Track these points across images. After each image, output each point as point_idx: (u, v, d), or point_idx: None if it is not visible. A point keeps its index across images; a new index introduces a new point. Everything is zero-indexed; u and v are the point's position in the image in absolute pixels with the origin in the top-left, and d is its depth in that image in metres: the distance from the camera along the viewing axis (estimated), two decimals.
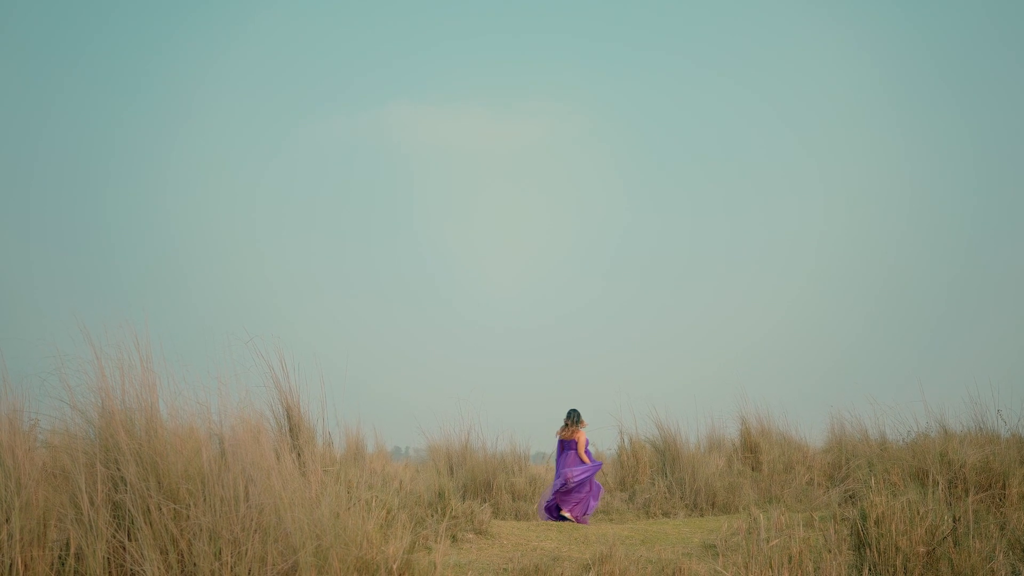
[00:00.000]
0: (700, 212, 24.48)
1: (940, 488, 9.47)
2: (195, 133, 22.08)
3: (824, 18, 23.59)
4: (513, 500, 13.02)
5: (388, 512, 7.91)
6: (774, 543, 6.96)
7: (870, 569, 7.62)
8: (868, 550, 7.88)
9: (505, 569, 6.75)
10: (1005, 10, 23.48)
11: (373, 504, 7.83)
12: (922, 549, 7.85)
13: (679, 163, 24.67)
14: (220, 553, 5.04)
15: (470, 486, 12.49)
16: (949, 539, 7.99)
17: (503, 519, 12.26)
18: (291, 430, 8.72)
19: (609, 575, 6.49)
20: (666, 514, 13.21)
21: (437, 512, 8.75)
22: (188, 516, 5.09)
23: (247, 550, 5.02)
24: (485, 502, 12.91)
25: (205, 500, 5.12)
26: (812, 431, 16.50)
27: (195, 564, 4.97)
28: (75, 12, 21.52)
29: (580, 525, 11.00)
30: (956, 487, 9.89)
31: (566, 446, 11.66)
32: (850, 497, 11.36)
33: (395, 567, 5.18)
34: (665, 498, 13.60)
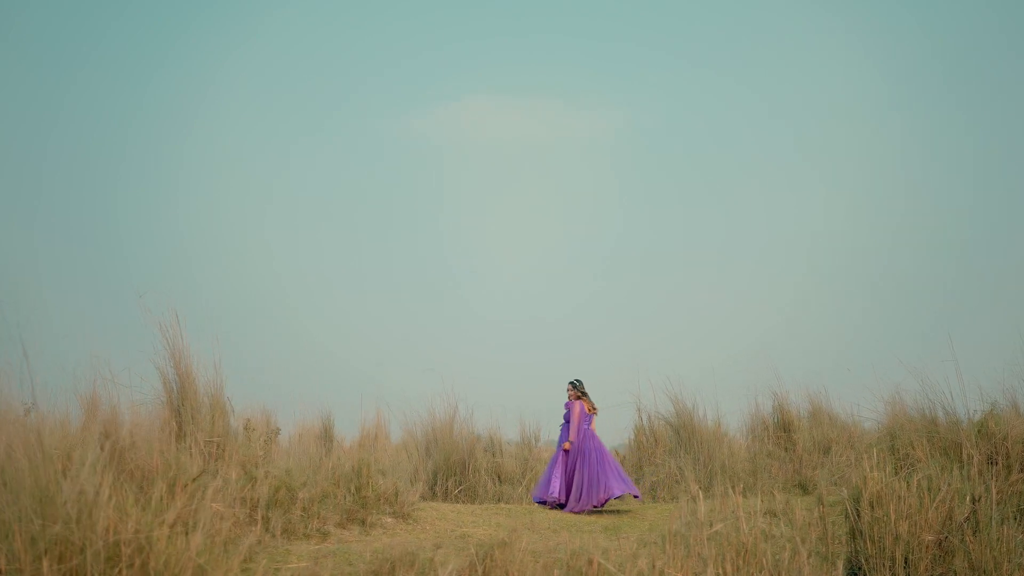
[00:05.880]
0: (697, 207, 22.88)
1: (974, 464, 7.70)
2: (209, 130, 21.44)
3: (822, 14, 21.61)
4: (498, 483, 11.64)
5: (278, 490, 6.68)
6: (716, 529, 5.43)
7: (852, 564, 5.97)
8: (859, 539, 6.22)
9: (358, 560, 5.39)
10: (1007, 6, 21.10)
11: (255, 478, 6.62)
12: (929, 537, 6.14)
13: (676, 158, 23.09)
14: None
15: (442, 467, 11.16)
16: (966, 525, 6.27)
17: (481, 503, 10.92)
18: (180, 395, 7.57)
19: (491, 570, 5.08)
20: (674, 498, 11.64)
21: (351, 492, 7.46)
22: None
23: None
24: (460, 484, 11.61)
25: None
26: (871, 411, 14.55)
27: None
28: (97, 3, 21.11)
29: (537, 510, 9.66)
30: (996, 464, 8.07)
31: (567, 418, 10.26)
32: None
33: (129, 552, 3.91)
34: (675, 481, 12.02)
